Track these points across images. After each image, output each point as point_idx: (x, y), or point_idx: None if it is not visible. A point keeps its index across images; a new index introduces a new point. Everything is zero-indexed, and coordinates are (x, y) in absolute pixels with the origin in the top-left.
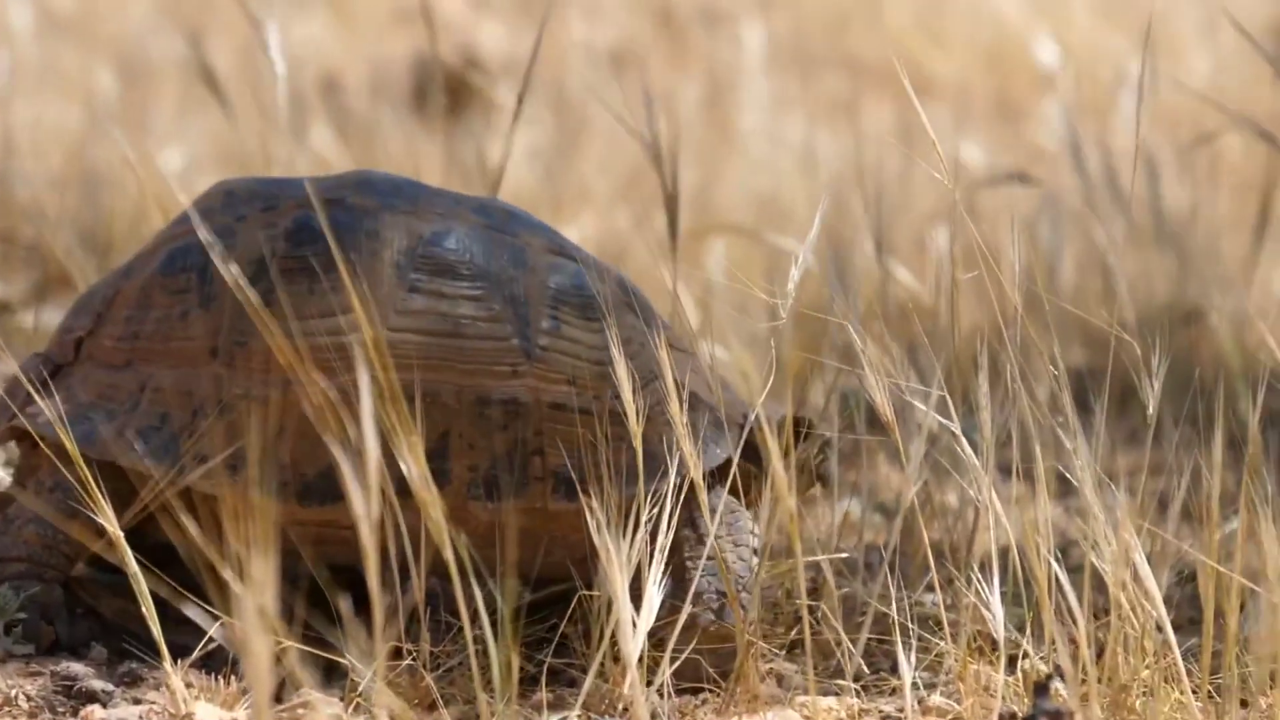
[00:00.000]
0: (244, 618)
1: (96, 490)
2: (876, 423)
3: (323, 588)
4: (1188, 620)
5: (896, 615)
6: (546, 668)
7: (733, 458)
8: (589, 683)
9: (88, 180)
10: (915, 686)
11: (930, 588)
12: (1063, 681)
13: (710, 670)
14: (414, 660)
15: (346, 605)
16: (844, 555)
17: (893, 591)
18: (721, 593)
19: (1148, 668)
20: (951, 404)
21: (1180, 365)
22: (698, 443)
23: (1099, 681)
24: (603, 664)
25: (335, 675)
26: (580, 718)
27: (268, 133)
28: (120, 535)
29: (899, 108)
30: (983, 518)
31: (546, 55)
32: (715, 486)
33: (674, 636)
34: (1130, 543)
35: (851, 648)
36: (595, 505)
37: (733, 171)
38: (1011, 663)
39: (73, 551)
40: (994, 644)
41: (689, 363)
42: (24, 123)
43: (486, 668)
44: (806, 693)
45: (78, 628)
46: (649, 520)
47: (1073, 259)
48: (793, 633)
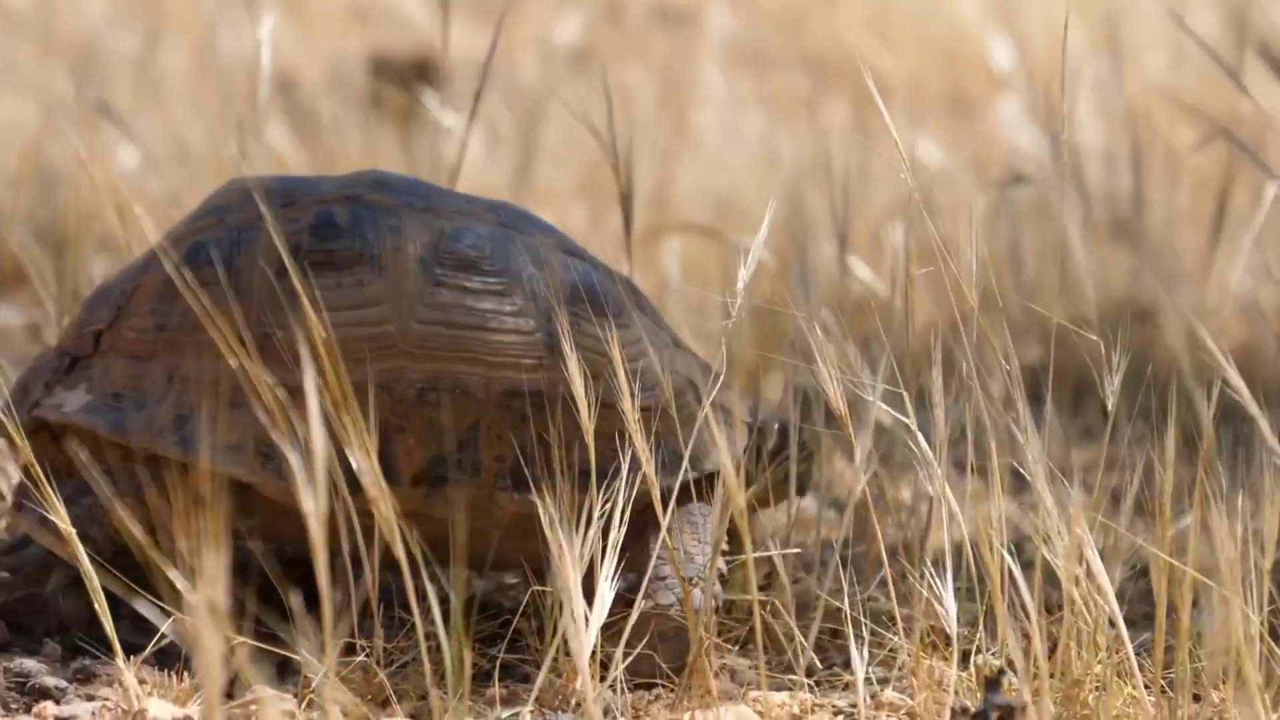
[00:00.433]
0: (195, 614)
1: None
2: (834, 419)
3: (274, 583)
4: (1141, 615)
5: (849, 610)
6: (500, 663)
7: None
8: (542, 678)
9: (44, 178)
10: (868, 681)
11: (883, 583)
12: (1015, 676)
13: (664, 665)
14: (367, 656)
15: (298, 601)
16: (797, 551)
17: (845, 586)
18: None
19: (1100, 663)
20: (907, 399)
21: (1135, 361)
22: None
23: (1051, 676)
24: (556, 659)
25: (288, 671)
26: (533, 713)
27: (222, 131)
28: (73, 532)
29: (855, 105)
30: (936, 513)
31: (505, 52)
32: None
33: (627, 630)
34: (1083, 538)
35: (804, 643)
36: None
37: (690, 169)
38: (964, 658)
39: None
40: (947, 639)
41: (695, 363)
42: None
43: (439, 663)
44: (759, 688)
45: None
46: (666, 517)
47: (1031, 255)
48: (745, 628)
